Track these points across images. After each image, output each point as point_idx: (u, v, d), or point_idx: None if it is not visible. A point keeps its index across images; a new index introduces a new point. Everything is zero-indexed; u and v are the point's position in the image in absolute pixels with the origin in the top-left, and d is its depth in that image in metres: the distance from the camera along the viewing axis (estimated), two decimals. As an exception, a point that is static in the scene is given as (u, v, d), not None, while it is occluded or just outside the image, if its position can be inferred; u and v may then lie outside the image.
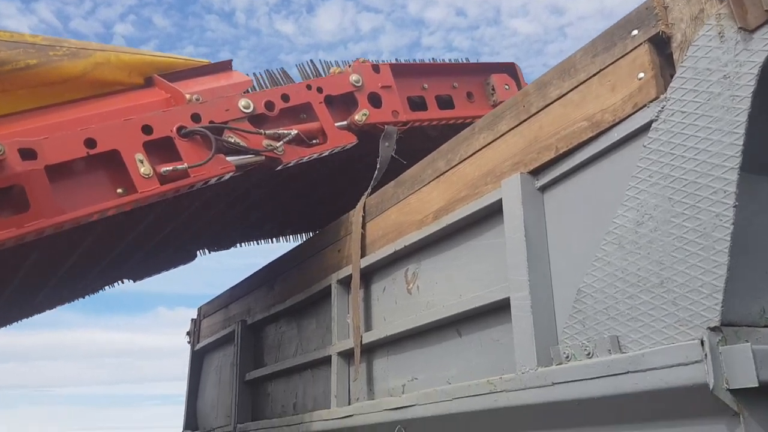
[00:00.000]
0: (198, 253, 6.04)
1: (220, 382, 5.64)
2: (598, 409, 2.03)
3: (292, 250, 4.76)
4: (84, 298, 6.16)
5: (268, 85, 3.75)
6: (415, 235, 3.08)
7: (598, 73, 2.21)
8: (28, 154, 2.73)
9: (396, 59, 4.25)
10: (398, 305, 3.25)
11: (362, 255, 3.52)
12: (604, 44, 2.20)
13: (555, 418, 2.18)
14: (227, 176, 3.28)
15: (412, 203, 3.19)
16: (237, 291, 5.50)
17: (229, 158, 3.28)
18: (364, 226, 3.59)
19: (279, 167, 3.50)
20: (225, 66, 3.73)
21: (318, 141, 3.65)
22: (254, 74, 3.75)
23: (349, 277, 3.63)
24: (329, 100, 3.76)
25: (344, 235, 3.83)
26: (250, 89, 3.62)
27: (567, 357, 2.17)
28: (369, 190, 3.72)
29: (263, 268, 5.06)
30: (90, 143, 2.91)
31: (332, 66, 3.95)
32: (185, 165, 3.08)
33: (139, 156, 3.00)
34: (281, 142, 3.41)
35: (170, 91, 3.38)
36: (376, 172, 3.82)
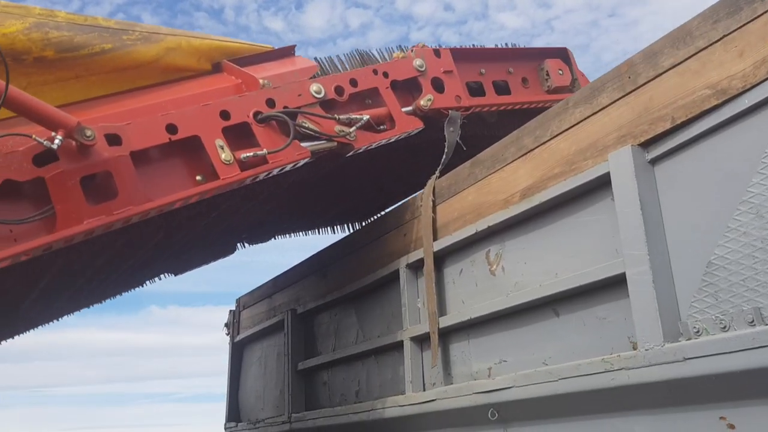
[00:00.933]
0: (238, 246, 5.97)
1: (265, 372, 5.58)
2: (736, 383, 1.97)
3: (346, 238, 4.69)
4: (115, 297, 6.07)
5: (330, 70, 3.68)
6: (500, 215, 3.01)
7: (721, 39, 2.13)
8: (114, 139, 2.66)
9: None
10: (479, 287, 3.18)
11: (434, 238, 3.45)
12: (727, 9, 2.13)
13: (683, 394, 2.12)
14: (302, 163, 3.22)
15: (494, 183, 3.12)
16: (282, 280, 5.44)
17: (303, 144, 3.21)
18: (434, 210, 3.52)
19: (349, 153, 3.44)
20: (288, 51, 3.66)
21: (385, 127, 3.59)
22: (316, 59, 3.68)
23: (419, 262, 3.57)
24: (394, 85, 3.70)
25: (410, 218, 3.76)
26: (315, 74, 3.55)
27: (697, 331, 2.10)
28: (437, 173, 3.65)
29: (313, 256, 5.00)
30: (171, 129, 2.84)
31: (394, 51, 3.88)
32: (265, 151, 3.01)
33: (219, 142, 2.93)
34: (354, 128, 3.35)
35: (241, 76, 3.31)
36: (443, 156, 3.77)
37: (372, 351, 4.00)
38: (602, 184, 2.53)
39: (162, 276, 5.84)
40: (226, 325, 6.47)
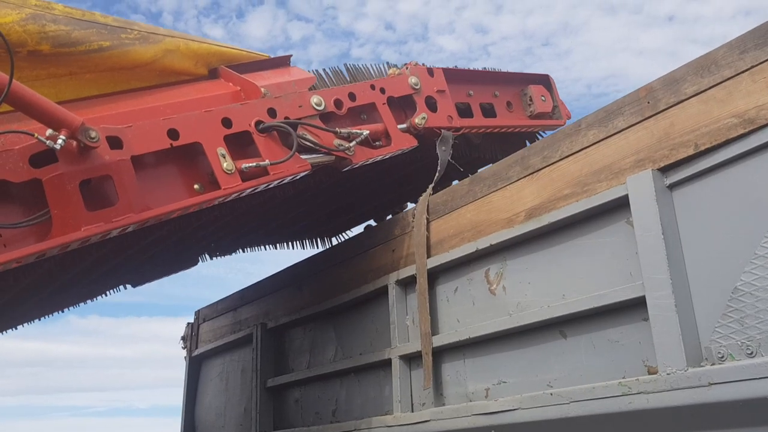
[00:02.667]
0: (200, 258, 5.78)
1: (227, 389, 5.40)
2: (764, 410, 2.00)
3: (325, 252, 4.60)
4: (78, 306, 5.79)
5: (327, 83, 3.61)
6: (502, 233, 2.99)
7: (749, 69, 2.18)
8: (115, 142, 2.51)
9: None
10: (477, 306, 3.15)
11: (428, 255, 3.41)
12: (755, 41, 2.18)
13: (707, 420, 2.14)
14: (300, 176, 3.13)
15: (495, 201, 3.11)
16: (250, 293, 5.28)
17: (303, 156, 3.13)
18: (427, 226, 3.48)
19: (346, 168, 3.37)
20: (284, 61, 3.58)
21: (381, 143, 3.54)
22: (315, 71, 3.61)
23: (410, 278, 3.52)
24: (390, 102, 3.66)
25: (400, 234, 3.71)
26: (314, 86, 3.47)
27: (722, 357, 2.12)
28: (429, 190, 3.61)
29: (286, 269, 4.88)
30: (173, 134, 2.72)
31: (390, 67, 3.85)
32: (267, 161, 2.92)
33: (221, 150, 2.82)
34: (354, 143, 3.29)
35: (240, 83, 3.21)
36: (436, 174, 3.74)
37: (353, 369, 3.90)
38: (617, 207, 2.54)
39: (121, 287, 5.60)
40: (183, 338, 6.24)
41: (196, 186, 2.85)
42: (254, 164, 2.90)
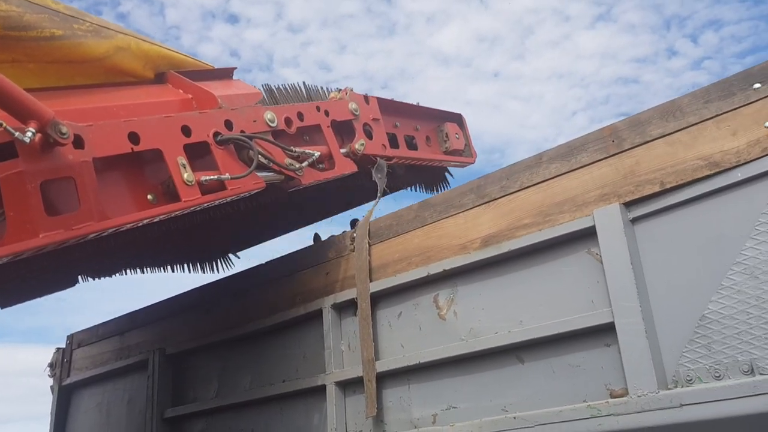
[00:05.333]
0: (79, 278, 5.27)
1: (109, 421, 4.95)
2: (732, 429, 2.18)
3: (239, 275, 4.39)
4: None
5: (270, 100, 3.50)
6: (456, 260, 3.04)
7: (713, 117, 2.41)
8: (77, 141, 2.26)
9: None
10: (424, 331, 3.16)
11: (370, 279, 3.38)
12: (719, 92, 2.42)
13: (675, 439, 2.29)
14: (253, 193, 3.00)
15: (447, 227, 3.15)
16: (142, 317, 4.91)
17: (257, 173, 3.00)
18: (369, 250, 3.45)
19: (292, 189, 3.27)
20: (228, 73, 3.43)
21: (324, 166, 3.49)
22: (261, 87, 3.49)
23: (348, 302, 3.47)
24: (332, 125, 3.62)
25: (335, 257, 3.65)
26: (261, 101, 3.35)
27: (690, 380, 2.29)
28: (369, 215, 3.60)
29: (189, 292, 4.60)
30: (134, 138, 2.51)
31: (330, 91, 3.81)
32: (227, 175, 2.77)
33: (182, 159, 2.64)
34: (305, 163, 3.21)
35: (192, 91, 3.03)
36: (376, 200, 3.74)
37: (275, 397, 3.74)
38: (580, 237, 2.68)
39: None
40: (51, 365, 5.65)
41: (149, 196, 2.63)
42: (215, 177, 2.74)
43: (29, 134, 2.03)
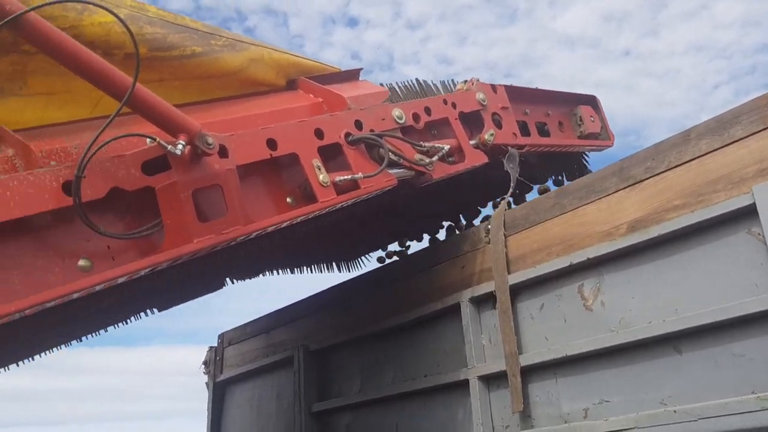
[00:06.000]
0: (227, 281, 5.54)
1: (259, 416, 5.18)
2: None
3: (376, 272, 4.46)
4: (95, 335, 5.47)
5: (397, 97, 3.51)
6: (600, 247, 2.90)
7: None
8: (222, 151, 2.37)
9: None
10: (569, 323, 3.04)
11: (508, 271, 3.30)
12: None
13: None
14: (385, 190, 3.02)
15: (589, 214, 3.02)
16: (286, 315, 5.10)
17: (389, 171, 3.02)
18: (505, 242, 3.38)
19: (424, 184, 3.27)
20: (354, 74, 3.49)
21: (454, 159, 3.45)
22: (382, 84, 3.52)
23: (486, 296, 3.41)
24: (461, 117, 3.58)
25: (470, 250, 3.60)
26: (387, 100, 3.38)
27: None
28: (504, 205, 3.52)
29: (329, 290, 4.73)
30: (272, 144, 2.60)
31: (456, 83, 3.77)
32: (360, 174, 2.80)
33: (317, 162, 2.70)
34: (435, 157, 3.19)
35: (323, 95, 3.11)
36: (510, 190, 3.66)
37: (419, 392, 3.75)
38: (738, 217, 2.47)
39: (147, 312, 5.34)
40: (205, 363, 6.01)
41: (288, 199, 2.72)
42: (348, 177, 2.78)
43: (180, 147, 2.15)
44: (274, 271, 5.84)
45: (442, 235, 4.95)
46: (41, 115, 2.34)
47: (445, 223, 4.94)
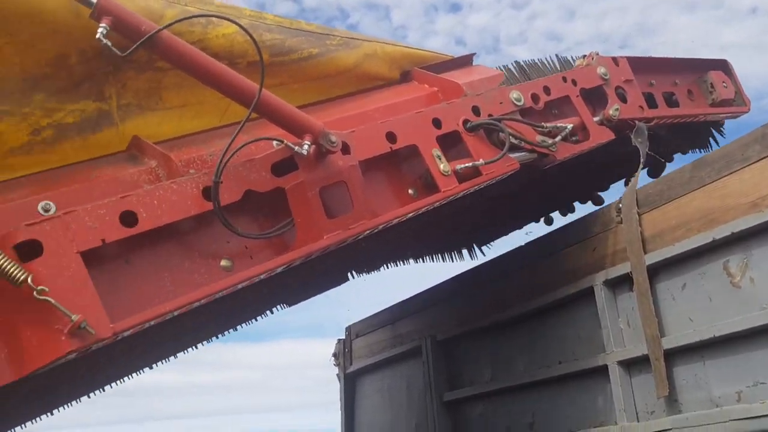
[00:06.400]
0: (350, 275, 5.62)
1: (392, 405, 5.25)
2: None
3: (499, 259, 4.40)
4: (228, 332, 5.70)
5: (514, 79, 3.43)
6: (746, 220, 2.71)
7: None
8: (344, 148, 2.40)
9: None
10: (716, 302, 2.86)
11: (644, 251, 3.15)
12: None
13: None
14: (507, 175, 2.95)
15: (731, 185, 2.82)
16: (411, 306, 5.14)
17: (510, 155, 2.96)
18: (639, 220, 3.22)
19: (548, 166, 3.17)
20: (468, 60, 3.45)
21: (578, 138, 3.33)
22: (499, 67, 3.45)
23: (621, 278, 3.27)
24: (583, 94, 3.45)
25: (601, 231, 3.46)
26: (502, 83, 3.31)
27: None
28: (634, 183, 3.36)
29: (452, 279, 4.71)
30: (391, 137, 2.61)
31: (575, 59, 3.64)
32: (481, 161, 2.76)
33: (436, 152, 2.69)
34: (558, 138, 3.09)
35: (438, 83, 3.10)
36: (640, 166, 3.49)
37: (554, 379, 3.66)
38: None
39: (276, 308, 5.53)
40: (335, 355, 6.16)
41: (410, 191, 2.73)
42: (469, 164, 2.75)
43: (306, 147, 2.20)
44: (396, 263, 5.89)
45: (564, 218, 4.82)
46: (177, 127, 2.47)
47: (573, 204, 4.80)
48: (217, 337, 5.39)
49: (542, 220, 4.93)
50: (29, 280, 1.64)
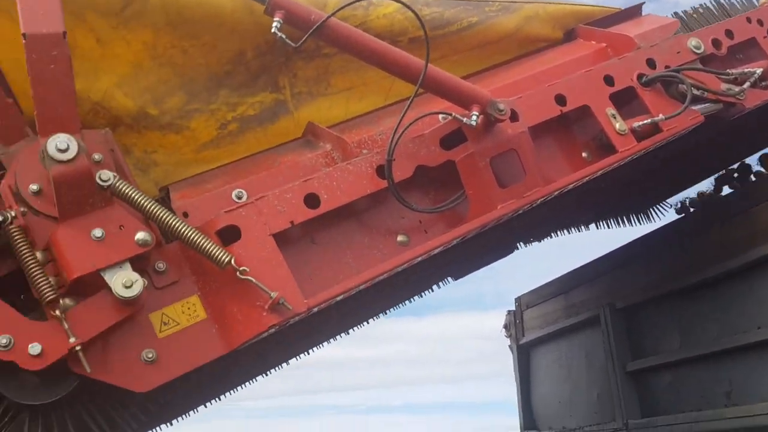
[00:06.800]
0: (518, 245, 5.52)
1: (570, 375, 5.13)
2: None
3: (678, 221, 4.14)
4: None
5: (691, 26, 3.18)
6: None
7: None
8: (513, 115, 2.36)
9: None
10: None
11: None
12: None
13: None
14: (690, 129, 2.75)
15: None
16: (585, 274, 4.98)
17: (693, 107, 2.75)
18: None
19: (735, 116, 2.91)
20: (636, 11, 3.25)
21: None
22: (674, 14, 3.21)
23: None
24: None
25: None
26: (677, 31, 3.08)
27: None
28: None
29: (630, 244, 4.50)
30: (560, 100, 2.52)
31: None
32: (661, 116, 2.59)
33: (611, 110, 2.56)
34: (746, 85, 2.83)
35: (606, 38, 2.96)
36: None
37: (752, 345, 3.39)
38: None
39: (443, 282, 5.56)
40: (506, 326, 6.13)
41: (584, 154, 2.63)
42: (648, 121, 2.59)
43: (474, 118, 2.18)
44: (565, 231, 5.70)
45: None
46: (345, 110, 2.56)
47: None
48: (385, 313, 5.56)
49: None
50: (232, 261, 1.79)
